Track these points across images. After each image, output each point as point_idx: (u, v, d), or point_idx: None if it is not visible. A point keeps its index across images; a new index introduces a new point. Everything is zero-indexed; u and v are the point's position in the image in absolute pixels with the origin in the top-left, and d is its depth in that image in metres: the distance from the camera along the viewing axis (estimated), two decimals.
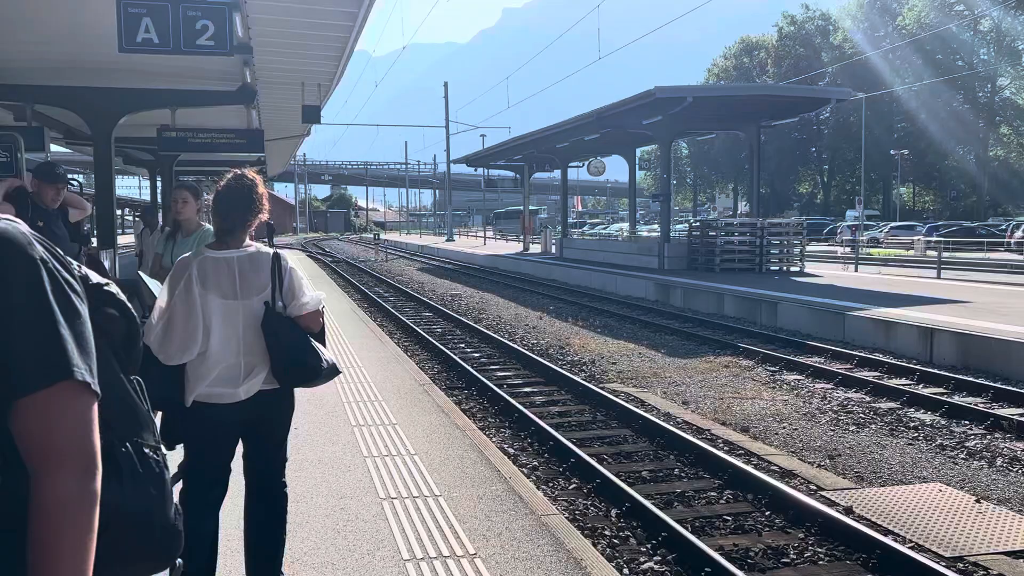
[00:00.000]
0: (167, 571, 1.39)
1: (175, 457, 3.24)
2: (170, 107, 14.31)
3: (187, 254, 3.61)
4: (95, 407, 1.17)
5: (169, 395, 3.33)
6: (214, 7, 8.74)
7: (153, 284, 4.16)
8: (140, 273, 5.80)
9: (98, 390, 1.18)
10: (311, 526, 4.60)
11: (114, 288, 1.36)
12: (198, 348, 3.36)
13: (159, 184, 24.85)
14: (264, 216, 3.62)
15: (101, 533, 1.16)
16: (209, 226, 5.67)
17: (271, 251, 3.54)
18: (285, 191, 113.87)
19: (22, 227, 1.20)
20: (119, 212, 28.08)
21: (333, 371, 3.57)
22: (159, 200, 24.31)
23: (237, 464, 3.65)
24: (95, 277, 1.33)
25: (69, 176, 7.04)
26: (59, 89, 13.15)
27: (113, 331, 1.32)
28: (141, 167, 27.91)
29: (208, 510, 3.52)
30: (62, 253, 1.24)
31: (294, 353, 3.41)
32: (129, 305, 1.38)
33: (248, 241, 3.57)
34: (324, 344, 3.61)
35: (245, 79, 13.19)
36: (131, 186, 72.91)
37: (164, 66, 12.24)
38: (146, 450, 1.32)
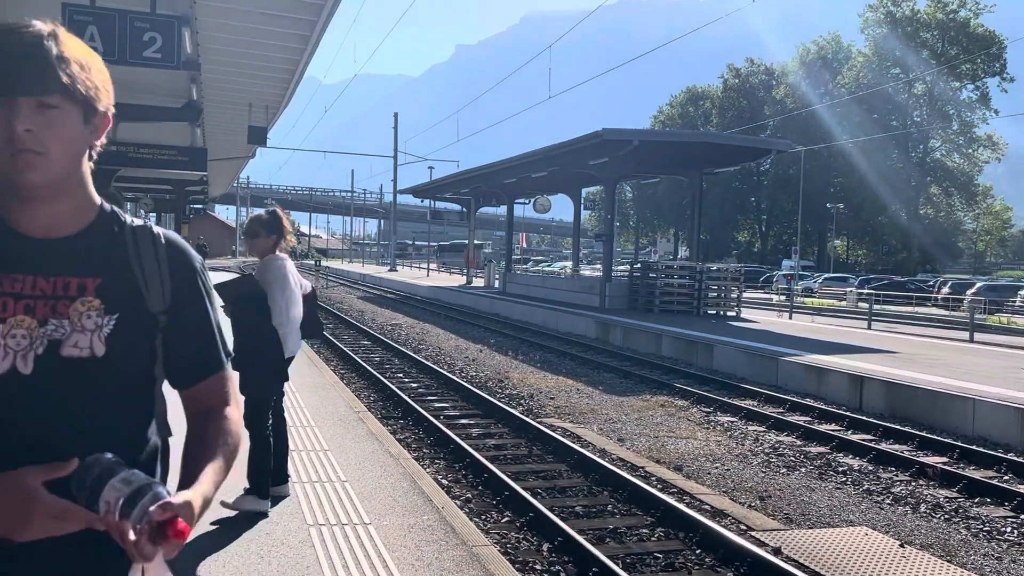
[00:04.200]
0: None
1: None
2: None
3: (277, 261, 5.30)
4: None
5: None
6: (163, 20, 8.61)
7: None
8: None
9: None
10: (234, 550, 4.46)
11: None
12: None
13: None
14: (291, 239, 5.39)
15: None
16: None
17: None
18: (227, 213, 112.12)
19: None
20: None
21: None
22: None
23: None
24: None
25: None
26: None
27: None
28: None
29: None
30: None
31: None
32: None
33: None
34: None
35: (191, 96, 13.01)
36: None
37: None
38: None
